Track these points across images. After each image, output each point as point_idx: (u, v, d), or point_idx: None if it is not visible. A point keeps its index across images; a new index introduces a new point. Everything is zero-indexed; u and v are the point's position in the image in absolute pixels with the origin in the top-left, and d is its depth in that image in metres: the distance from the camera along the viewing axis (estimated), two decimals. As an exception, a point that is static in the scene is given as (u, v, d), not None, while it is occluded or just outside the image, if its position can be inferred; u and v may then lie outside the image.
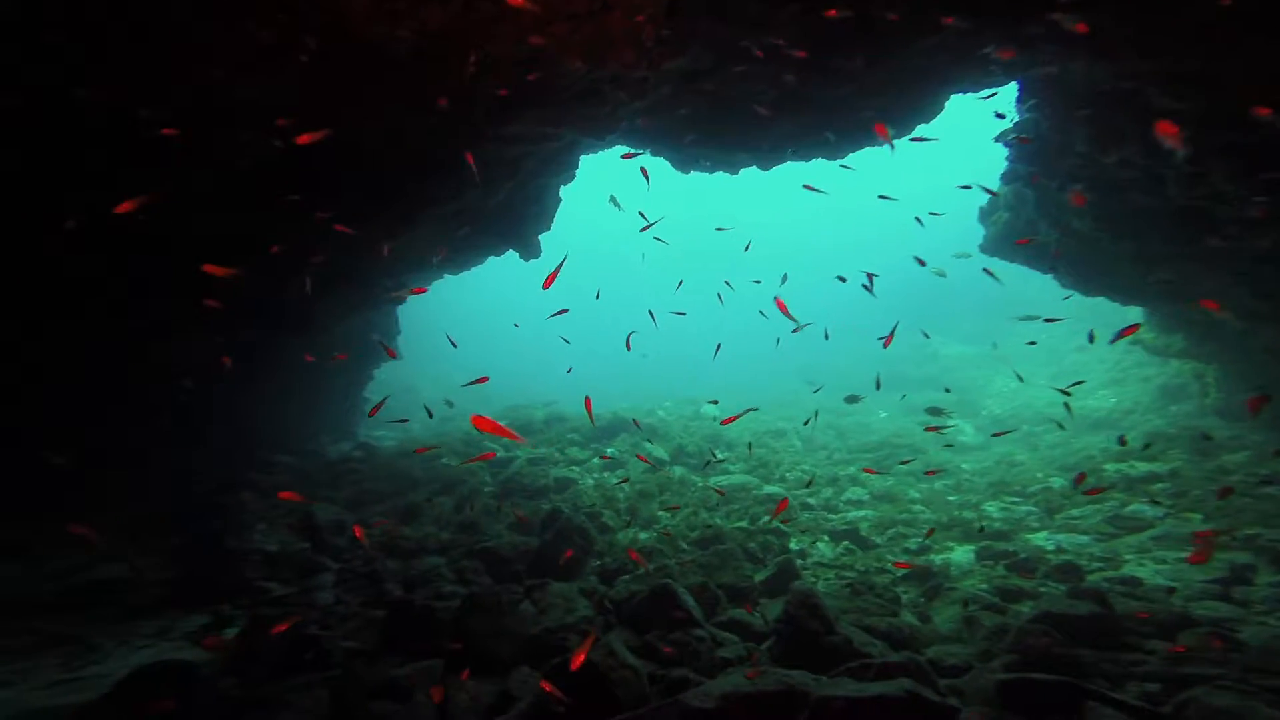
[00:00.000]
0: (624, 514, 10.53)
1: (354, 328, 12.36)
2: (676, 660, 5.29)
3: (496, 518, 9.86)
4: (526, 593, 7.18)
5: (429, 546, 8.65)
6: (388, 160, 6.05)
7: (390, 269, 8.87)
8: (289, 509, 9.27)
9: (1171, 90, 5.00)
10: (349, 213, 6.51)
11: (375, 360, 15.85)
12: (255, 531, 7.59)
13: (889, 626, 5.37)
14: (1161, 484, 9.96)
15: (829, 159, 9.09)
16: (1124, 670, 4.44)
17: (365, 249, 7.50)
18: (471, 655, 5.35)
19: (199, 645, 5.52)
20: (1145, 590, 6.35)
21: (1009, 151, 8.67)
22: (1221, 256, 6.93)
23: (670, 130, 8.10)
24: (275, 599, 6.67)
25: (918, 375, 27.72)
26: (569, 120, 5.99)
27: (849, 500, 11.25)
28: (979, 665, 4.67)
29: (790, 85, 6.40)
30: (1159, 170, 6.02)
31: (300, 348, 9.73)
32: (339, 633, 5.75)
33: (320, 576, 7.47)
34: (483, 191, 7.10)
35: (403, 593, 7.12)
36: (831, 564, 8.20)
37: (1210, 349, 11.69)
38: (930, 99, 7.64)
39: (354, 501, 10.39)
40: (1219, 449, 11.22)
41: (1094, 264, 8.91)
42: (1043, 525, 9.30)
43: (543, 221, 10.37)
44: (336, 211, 6.41)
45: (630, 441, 15.13)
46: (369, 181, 6.36)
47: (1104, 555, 7.78)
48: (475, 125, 5.54)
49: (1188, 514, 8.87)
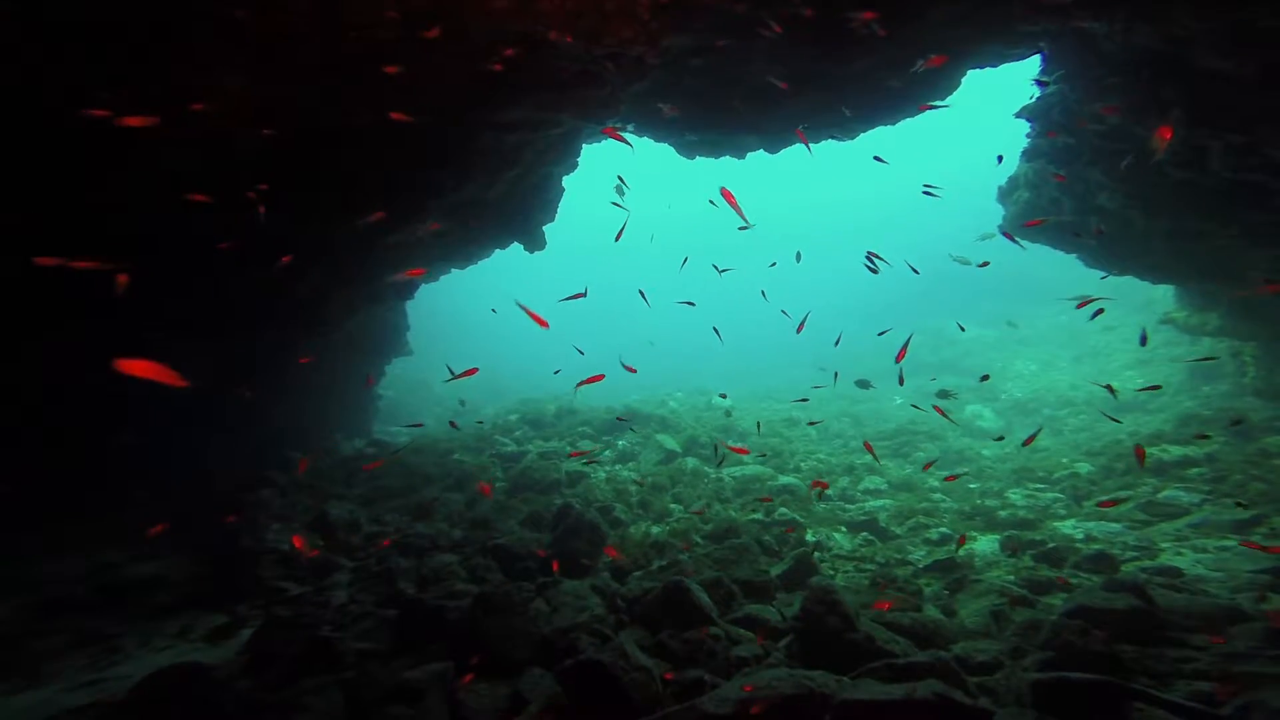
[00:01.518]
0: (635, 507, 10.39)
1: (364, 323, 12.32)
2: (691, 660, 5.14)
3: (508, 513, 9.79)
4: (539, 590, 7.08)
5: (441, 544, 8.59)
6: (387, 153, 5.90)
7: (395, 262, 8.76)
8: (305, 507, 9.29)
9: (1221, 49, 4.58)
10: (352, 207, 6.39)
11: (387, 356, 15.85)
12: (270, 531, 7.57)
13: (912, 622, 5.16)
14: (1198, 469, 9.56)
15: (841, 139, 8.75)
16: (1171, 668, 4.19)
17: (370, 243, 7.39)
18: (482, 656, 5.26)
19: (216, 645, 5.50)
20: (1186, 581, 6.05)
21: (1030, 127, 8.25)
22: (1265, 230, 6.51)
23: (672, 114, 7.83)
24: (291, 598, 6.64)
25: (935, 360, 27.19)
26: (567, 104, 5.76)
27: (866, 490, 11.00)
28: (1010, 663, 4.45)
29: (799, 59, 6.07)
30: (1201, 141, 5.62)
31: (312, 345, 9.70)
32: (352, 633, 5.70)
33: (335, 575, 7.44)
34: (484, 182, 6.92)
35: (416, 591, 7.07)
36: (850, 556, 7.99)
37: (1249, 327, 11.18)
38: (945, 76, 7.27)
39: (367, 499, 10.38)
40: (1259, 431, 10.75)
41: (1124, 242, 8.48)
42: (1070, 513, 8.98)
43: (547, 212, 10.18)
44: (341, 206, 6.30)
45: (642, 434, 14.98)
46: (369, 175, 6.22)
47: (1138, 544, 7.46)
48: (471, 112, 5.35)
49: (1228, 499, 8.49)
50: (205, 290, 6.85)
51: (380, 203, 6.00)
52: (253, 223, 6.32)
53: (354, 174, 5.72)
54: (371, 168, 5.67)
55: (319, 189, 6.09)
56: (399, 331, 15.29)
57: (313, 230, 6.19)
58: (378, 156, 5.57)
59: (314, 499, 9.65)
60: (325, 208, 6.23)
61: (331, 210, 6.17)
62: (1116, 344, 21.21)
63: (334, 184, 5.80)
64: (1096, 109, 6.49)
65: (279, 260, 6.73)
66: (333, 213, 6.10)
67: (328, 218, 6.08)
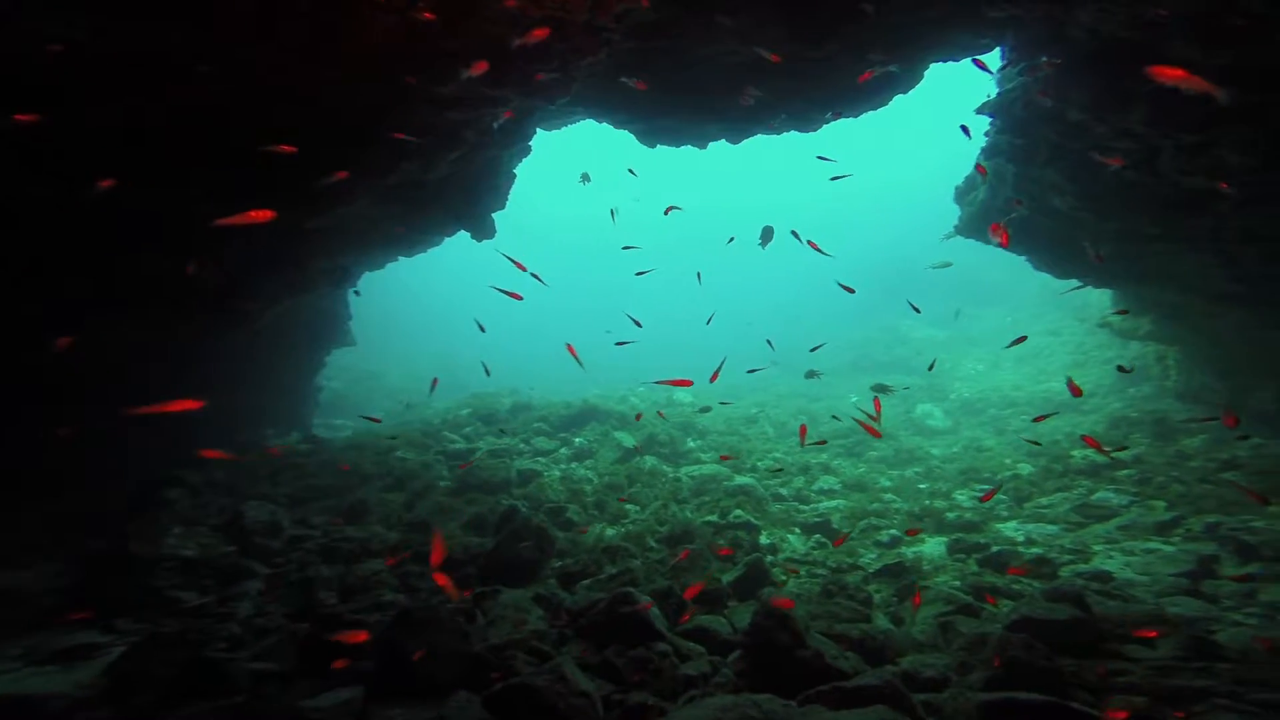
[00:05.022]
0: (590, 509, 10.04)
1: (297, 312, 11.44)
2: (638, 680, 4.83)
3: (451, 515, 9.26)
4: (475, 601, 6.64)
5: (374, 548, 8.01)
6: (304, 129, 5.26)
7: (326, 248, 8.05)
8: (219, 508, 8.50)
9: (1196, 40, 4.47)
10: (268, 188, 5.72)
11: (326, 346, 14.88)
12: (171, 535, 6.81)
13: (861, 634, 5.02)
14: (1126, 470, 9.93)
15: (803, 131, 8.54)
16: (1106, 682, 4.16)
17: (292, 227, 6.70)
18: (403, 678, 4.80)
19: (70, 669, 4.77)
20: (1118, 586, 6.17)
21: (989, 124, 8.24)
22: (1205, 236, 6.66)
23: (629, 96, 7.42)
24: (186, 610, 5.94)
25: (887, 359, 27.84)
26: (509, 81, 5.28)
27: (821, 490, 10.99)
28: (957, 679, 4.34)
29: (767, 41, 5.72)
30: (1157, 141, 5.63)
31: (235, 335, 8.86)
32: (252, 651, 5.11)
33: (245, 584, 6.77)
34: (421, 163, 6.35)
35: (337, 602, 6.50)
36: (803, 560, 7.87)
37: (1175, 332, 11.70)
38: (909, 68, 7.13)
39: (295, 499, 9.63)
40: (1178, 433, 11.30)
41: (1073, 245, 8.63)
42: (1012, 514, 9.16)
43: (496, 199, 9.59)
44: (253, 186, 5.62)
45: (600, 430, 14.60)
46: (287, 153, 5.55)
47: (1073, 547, 7.63)
48: (401, 87, 4.82)
49: (1152, 501, 8.82)
50: (102, 271, 6.06)
51: (298, 182, 5.37)
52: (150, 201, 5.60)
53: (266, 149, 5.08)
54: (289, 142, 5.05)
55: (227, 165, 5.42)
56: (340, 321, 14.35)
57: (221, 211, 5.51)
58: (293, 130, 4.95)
59: (233, 499, 8.86)
60: (235, 187, 5.56)
61: (244, 190, 5.50)
62: (1056, 346, 22.15)
63: (244, 160, 5.14)
64: (1051, 105, 6.41)
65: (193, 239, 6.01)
66: (245, 193, 5.43)
67: (237, 198, 5.41)
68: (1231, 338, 9.14)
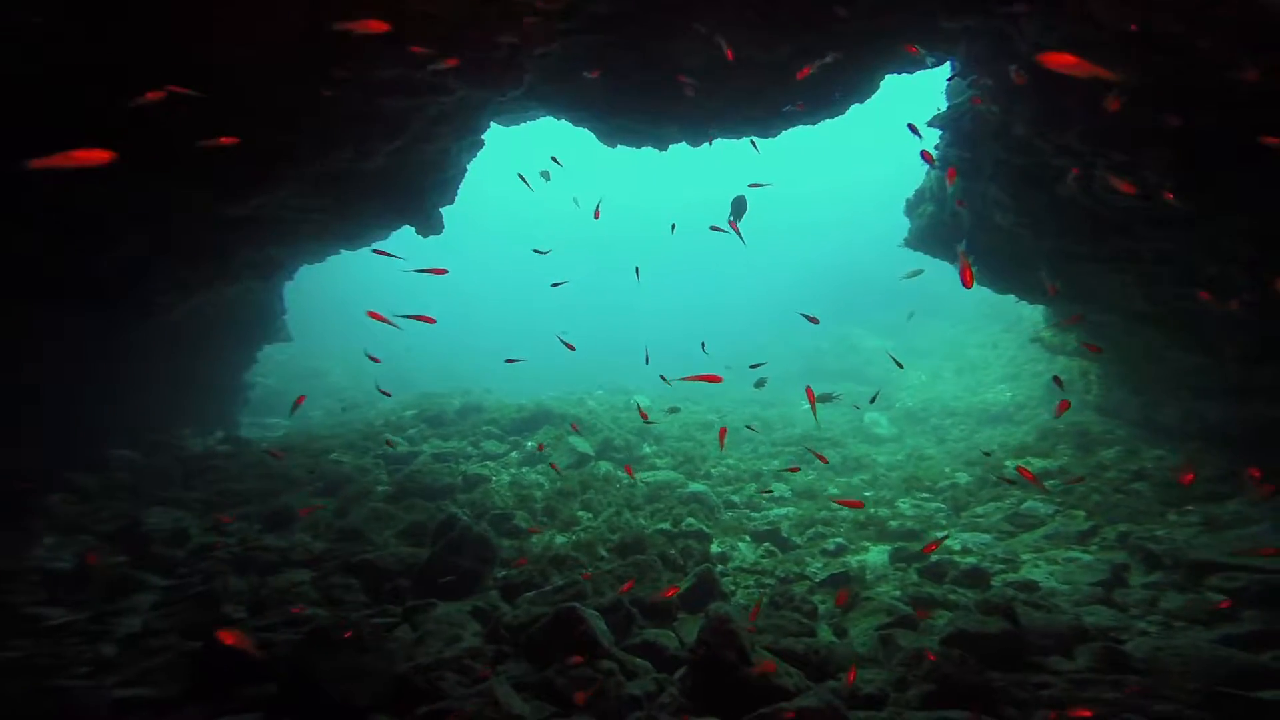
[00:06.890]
0: (540, 515, 9.69)
1: (225, 306, 10.58)
2: (579, 702, 4.58)
3: (386, 523, 8.73)
4: (405, 615, 6.23)
5: (295, 558, 7.42)
6: (214, 108, 4.75)
7: (250, 238, 7.43)
8: (118, 514, 7.68)
9: (1130, 61, 4.63)
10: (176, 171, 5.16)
11: (257, 341, 13.91)
12: (43, 544, 6.06)
13: (805, 648, 4.96)
14: (1052, 481, 10.39)
15: (762, 136, 8.53)
16: (1031, 695, 4.22)
17: (207, 213, 6.11)
18: (311, 701, 4.37)
19: None
20: (1043, 596, 6.38)
21: (940, 138, 8.45)
22: (1126, 256, 7.02)
23: (588, 93, 7.21)
24: (46, 630, 5.22)
25: (839, 367, 28.56)
26: (454, 69, 4.94)
27: (772, 497, 11.02)
28: (895, 695, 4.31)
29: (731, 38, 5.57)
30: (1089, 159, 5.86)
31: (143, 327, 8.07)
32: (127, 675, 4.52)
33: (135, 597, 6.08)
34: (354, 150, 5.91)
35: (246, 617, 5.93)
36: (752, 569, 7.83)
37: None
38: (865, 79, 7.21)
39: (210, 504, 8.86)
40: (1097, 444, 11.96)
41: (1013, 260, 8.96)
42: (950, 523, 9.41)
43: (444, 193, 9.14)
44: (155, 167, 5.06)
45: (554, 434, 14.23)
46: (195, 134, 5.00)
47: (1005, 556, 7.89)
48: (322, 67, 4.42)
49: (1073, 511, 9.25)
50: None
51: (208, 167, 4.87)
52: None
53: (171, 129, 4.58)
54: (196, 123, 4.55)
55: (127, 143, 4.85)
56: (274, 315, 13.43)
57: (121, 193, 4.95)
58: (202, 111, 4.46)
59: (136, 504, 8.05)
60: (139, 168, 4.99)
61: (147, 172, 4.95)
62: (991, 358, 23.25)
63: (144, 140, 4.61)
64: (997, 115, 6.56)
65: (86, 221, 5.37)
66: (148, 175, 4.88)
67: (141, 180, 4.86)
68: (1143, 356, 9.72)
